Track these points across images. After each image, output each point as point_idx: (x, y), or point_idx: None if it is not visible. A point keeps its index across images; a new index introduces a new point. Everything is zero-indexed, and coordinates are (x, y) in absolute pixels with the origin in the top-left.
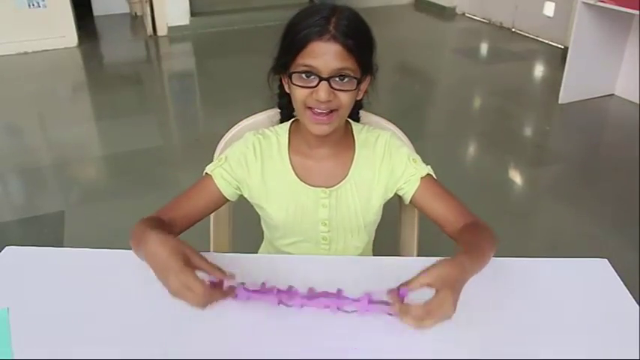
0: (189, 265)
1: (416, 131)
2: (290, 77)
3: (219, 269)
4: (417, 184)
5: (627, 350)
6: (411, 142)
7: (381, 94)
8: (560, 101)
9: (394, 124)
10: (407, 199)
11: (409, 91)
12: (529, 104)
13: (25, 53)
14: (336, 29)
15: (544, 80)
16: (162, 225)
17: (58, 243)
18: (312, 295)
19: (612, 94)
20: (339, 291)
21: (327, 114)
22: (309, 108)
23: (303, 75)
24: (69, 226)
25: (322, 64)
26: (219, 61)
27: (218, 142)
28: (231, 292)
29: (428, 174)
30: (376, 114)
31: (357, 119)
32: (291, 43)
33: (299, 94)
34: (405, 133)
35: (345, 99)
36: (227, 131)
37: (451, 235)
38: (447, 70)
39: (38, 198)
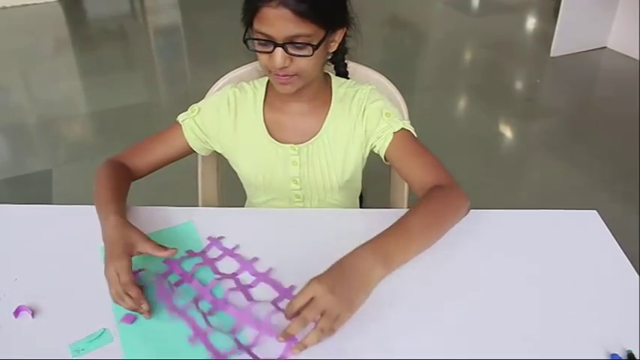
0: (133, 252)
1: (405, 84)
2: (246, 43)
3: (162, 248)
4: (390, 139)
5: (615, 299)
6: (401, 94)
7: (369, 46)
8: (551, 54)
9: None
10: (382, 155)
11: (398, 43)
12: (520, 57)
13: (4, 8)
14: None
15: (536, 33)
16: (125, 175)
17: (47, 202)
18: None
19: (605, 47)
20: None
21: (289, 76)
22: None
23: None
24: (57, 185)
25: (274, 32)
26: (205, 14)
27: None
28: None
29: (402, 129)
30: (365, 65)
31: (344, 71)
32: (246, 8)
33: (261, 59)
34: (394, 86)
35: (304, 64)
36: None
37: (418, 196)
38: (437, 22)
39: (25, 157)
